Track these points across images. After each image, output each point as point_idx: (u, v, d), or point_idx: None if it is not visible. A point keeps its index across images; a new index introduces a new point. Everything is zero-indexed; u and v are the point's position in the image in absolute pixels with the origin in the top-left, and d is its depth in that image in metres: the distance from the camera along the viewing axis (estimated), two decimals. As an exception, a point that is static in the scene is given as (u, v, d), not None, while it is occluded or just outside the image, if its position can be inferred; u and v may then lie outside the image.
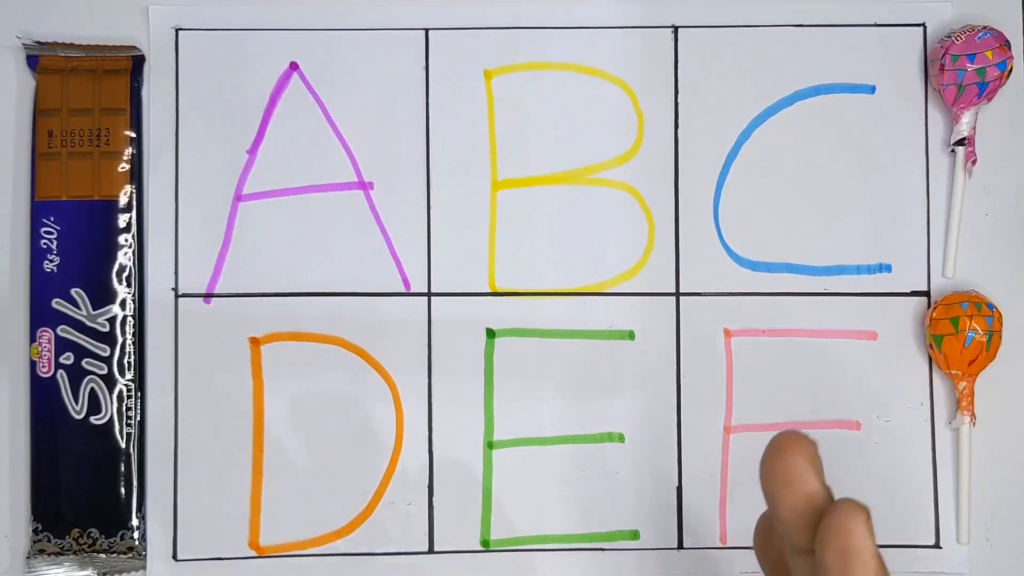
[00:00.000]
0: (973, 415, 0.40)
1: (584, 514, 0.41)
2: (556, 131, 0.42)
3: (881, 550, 0.40)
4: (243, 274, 0.41)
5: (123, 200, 0.41)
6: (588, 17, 0.42)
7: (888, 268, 0.42)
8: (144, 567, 0.40)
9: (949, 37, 0.40)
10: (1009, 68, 0.39)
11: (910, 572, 0.41)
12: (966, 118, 0.40)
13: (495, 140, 0.42)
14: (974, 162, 0.41)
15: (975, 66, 0.39)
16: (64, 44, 0.41)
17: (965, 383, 0.40)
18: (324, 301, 0.41)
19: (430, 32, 0.42)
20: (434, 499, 0.41)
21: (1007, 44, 0.40)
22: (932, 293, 0.41)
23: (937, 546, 0.41)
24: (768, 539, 0.28)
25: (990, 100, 0.40)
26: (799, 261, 0.42)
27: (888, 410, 0.41)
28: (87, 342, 0.40)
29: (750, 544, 0.41)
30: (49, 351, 0.40)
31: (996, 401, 0.41)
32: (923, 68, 0.42)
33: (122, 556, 0.40)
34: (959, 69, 0.39)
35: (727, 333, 0.41)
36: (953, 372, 0.40)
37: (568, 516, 0.41)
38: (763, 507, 0.42)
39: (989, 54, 0.39)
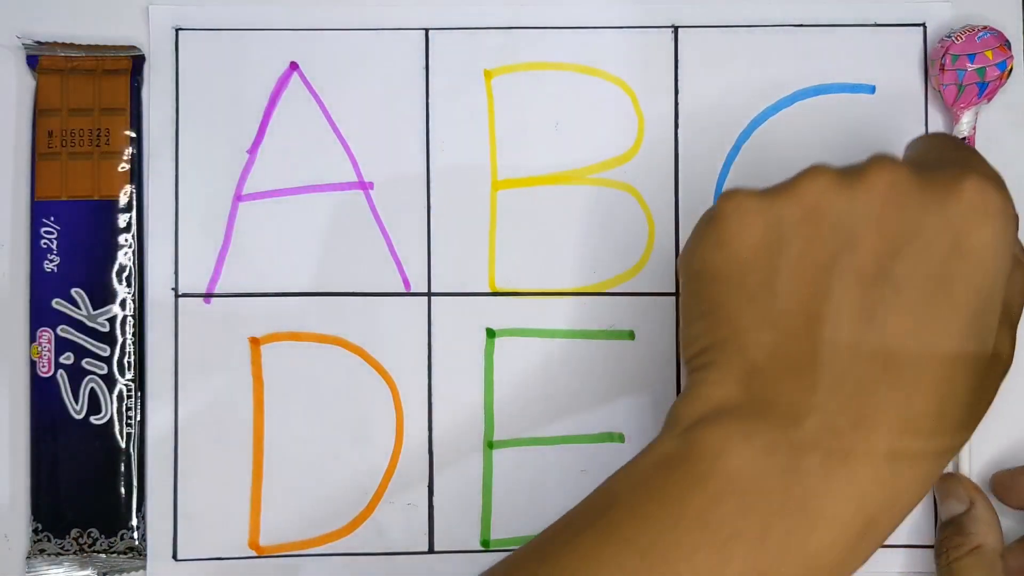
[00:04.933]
0: None
1: (584, 514, 0.41)
2: (556, 131, 0.42)
3: (879, 550, 0.40)
4: (243, 274, 0.41)
5: (123, 200, 0.41)
6: (588, 17, 0.42)
7: (888, 268, 0.42)
8: (144, 567, 0.40)
9: (949, 37, 0.40)
10: (1009, 68, 0.39)
11: (909, 572, 0.41)
12: (966, 118, 0.40)
13: (495, 140, 0.42)
14: None
15: (975, 66, 0.39)
16: (64, 44, 0.41)
17: None
18: (324, 301, 0.41)
19: (430, 32, 0.42)
20: (434, 499, 0.41)
21: (1007, 44, 0.40)
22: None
23: (935, 546, 0.41)
24: None
25: (990, 100, 0.40)
26: (799, 261, 0.42)
27: (888, 410, 0.41)
28: (87, 342, 0.40)
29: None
30: (49, 351, 0.40)
31: (997, 401, 0.41)
32: (923, 68, 0.42)
33: (122, 556, 0.40)
34: (959, 69, 0.39)
35: (727, 333, 0.41)
36: None
37: (568, 516, 0.41)
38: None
39: (989, 54, 0.39)
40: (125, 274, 0.40)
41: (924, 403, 0.26)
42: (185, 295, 0.41)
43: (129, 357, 0.40)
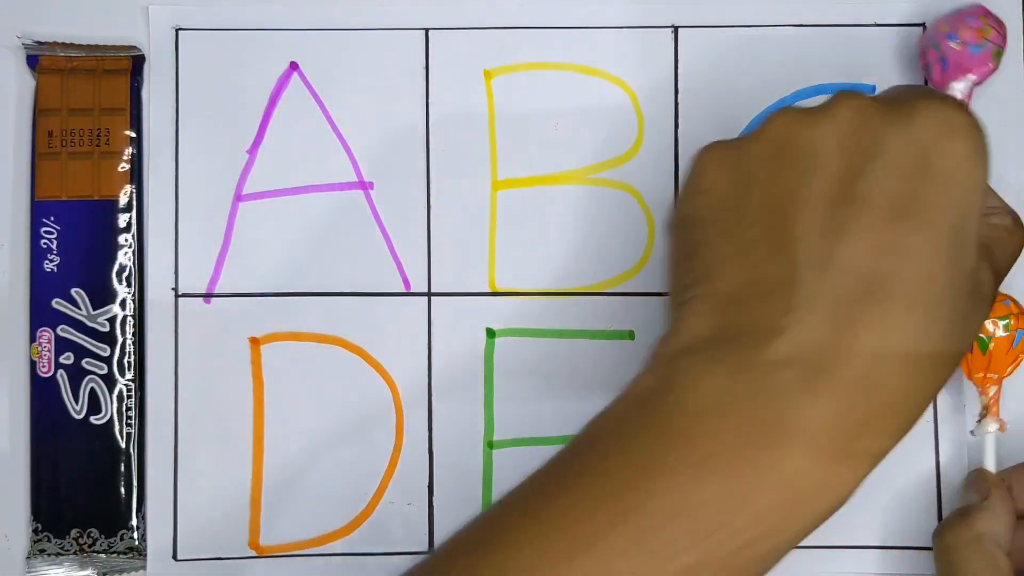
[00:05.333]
0: (1001, 421, 0.39)
1: (584, 514, 0.41)
2: (556, 131, 0.42)
3: (883, 551, 0.40)
4: (243, 274, 0.41)
5: (123, 200, 0.41)
6: (588, 17, 0.42)
7: (888, 268, 0.41)
8: (144, 567, 0.40)
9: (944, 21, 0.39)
10: (993, 49, 0.38)
11: (912, 574, 0.41)
12: (958, 86, 0.39)
13: (495, 140, 0.42)
14: None
15: (956, 43, 0.38)
16: (64, 44, 0.41)
17: (997, 386, 0.39)
18: (324, 301, 0.41)
19: (430, 32, 0.42)
20: (434, 499, 0.41)
21: (993, 23, 0.38)
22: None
23: (938, 546, 0.41)
24: None
25: (980, 80, 0.39)
26: (799, 261, 0.42)
27: (888, 410, 0.41)
28: (87, 342, 0.40)
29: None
30: (49, 351, 0.40)
31: (1005, 401, 0.41)
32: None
33: (122, 556, 0.40)
34: (938, 45, 0.38)
35: (727, 333, 0.41)
36: (990, 375, 0.38)
37: (568, 516, 0.41)
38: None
39: (971, 32, 0.38)
40: (125, 274, 0.40)
41: (904, 315, 0.26)
42: (185, 295, 0.41)
43: (129, 357, 0.40)
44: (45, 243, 0.40)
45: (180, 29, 0.42)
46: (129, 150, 0.41)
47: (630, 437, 0.27)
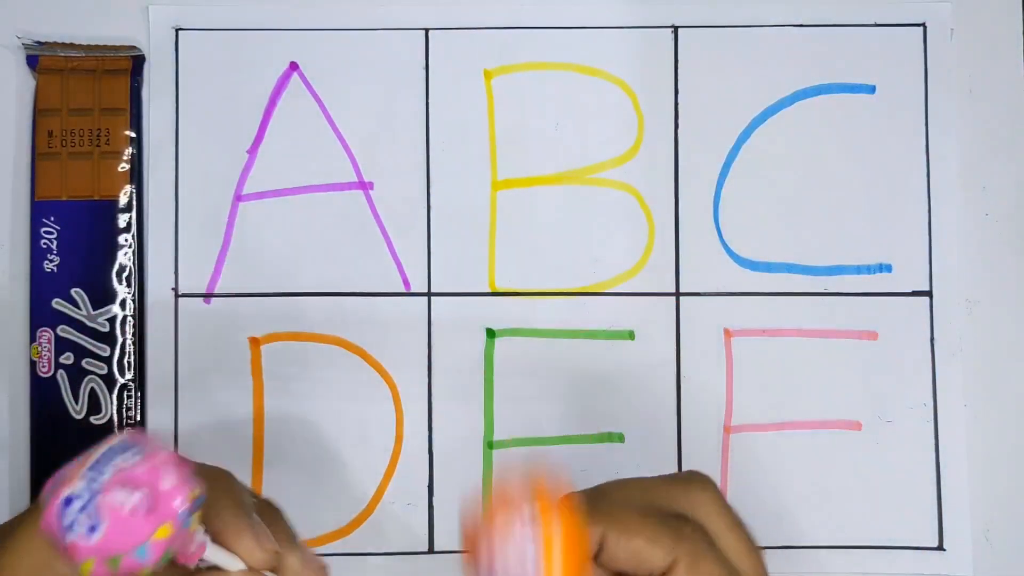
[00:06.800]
0: None
1: (584, 514, 0.41)
2: (556, 131, 0.42)
3: (884, 551, 0.41)
4: (243, 274, 0.41)
5: (123, 200, 0.41)
6: (588, 17, 0.42)
7: (888, 268, 0.42)
8: (144, 567, 0.40)
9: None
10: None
11: (913, 574, 0.41)
12: None
13: (495, 140, 0.42)
14: None
15: None
16: (64, 44, 0.41)
17: None
18: (324, 301, 0.41)
19: (430, 32, 0.42)
20: (434, 499, 0.41)
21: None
22: (933, 293, 0.41)
23: (940, 548, 0.41)
24: None
25: None
26: (799, 261, 0.42)
27: (889, 410, 0.41)
28: (87, 342, 0.40)
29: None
30: (49, 351, 0.40)
31: (995, 400, 0.41)
32: (923, 68, 0.42)
33: (122, 556, 0.40)
34: None
35: (727, 333, 0.41)
36: None
37: (568, 516, 0.41)
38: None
39: None
40: (125, 274, 0.40)
41: None
42: (185, 295, 0.41)
43: (129, 357, 0.40)
44: (45, 243, 0.40)
45: (180, 29, 0.42)
46: (129, 150, 0.41)
47: None
